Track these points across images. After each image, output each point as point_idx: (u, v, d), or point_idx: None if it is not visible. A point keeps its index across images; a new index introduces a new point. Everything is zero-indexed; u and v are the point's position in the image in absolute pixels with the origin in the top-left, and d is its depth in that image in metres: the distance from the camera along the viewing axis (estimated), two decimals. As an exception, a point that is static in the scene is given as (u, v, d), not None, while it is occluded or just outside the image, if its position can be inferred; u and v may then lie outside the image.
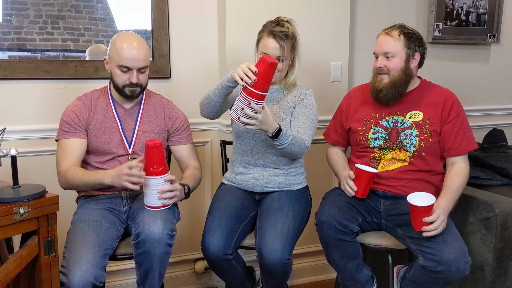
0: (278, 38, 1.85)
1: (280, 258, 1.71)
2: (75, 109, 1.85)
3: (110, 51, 1.80)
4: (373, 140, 1.94)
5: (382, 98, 1.90)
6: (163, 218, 1.68)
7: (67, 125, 1.83)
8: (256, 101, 1.63)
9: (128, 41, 1.77)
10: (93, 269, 1.55)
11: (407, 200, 1.68)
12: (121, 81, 1.80)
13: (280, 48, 1.86)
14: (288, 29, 1.88)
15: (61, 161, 1.79)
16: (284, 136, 1.75)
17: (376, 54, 1.91)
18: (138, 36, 1.83)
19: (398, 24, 1.90)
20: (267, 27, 1.90)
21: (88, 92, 1.93)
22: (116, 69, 1.79)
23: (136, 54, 1.76)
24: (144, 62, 1.80)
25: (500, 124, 2.98)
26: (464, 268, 1.62)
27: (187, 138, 1.99)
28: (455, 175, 1.84)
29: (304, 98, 1.97)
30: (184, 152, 1.97)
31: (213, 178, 2.48)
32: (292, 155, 1.87)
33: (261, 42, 1.90)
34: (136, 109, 1.92)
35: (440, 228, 1.66)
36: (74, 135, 1.82)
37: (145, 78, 1.85)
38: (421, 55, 1.90)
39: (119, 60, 1.76)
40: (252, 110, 1.63)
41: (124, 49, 1.75)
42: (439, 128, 1.88)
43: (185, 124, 2.00)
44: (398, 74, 1.86)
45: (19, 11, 2.09)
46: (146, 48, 1.81)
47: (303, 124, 1.90)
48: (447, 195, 1.77)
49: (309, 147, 1.88)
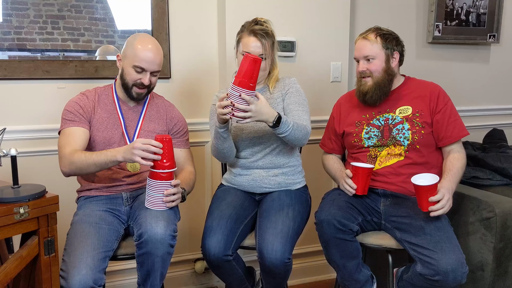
0: (259, 36, 1.87)
1: (281, 257, 1.71)
2: (79, 101, 1.86)
3: (126, 49, 1.82)
4: (367, 139, 1.97)
5: (369, 100, 1.95)
6: (166, 219, 1.68)
7: (71, 115, 1.81)
8: (246, 91, 1.63)
9: (146, 43, 1.80)
10: (92, 272, 1.55)
11: (411, 181, 1.71)
12: (132, 80, 1.81)
13: (262, 46, 1.87)
14: (267, 27, 1.90)
15: (65, 145, 1.76)
16: (285, 123, 1.74)
17: (357, 59, 1.97)
18: (155, 41, 1.86)
19: (373, 27, 1.96)
20: (246, 27, 1.92)
21: (91, 89, 1.94)
22: (129, 68, 1.80)
23: (152, 57, 1.79)
24: (158, 66, 1.83)
25: (500, 124, 2.98)
26: (461, 278, 1.64)
27: (185, 143, 2.01)
28: (453, 159, 1.88)
29: (289, 87, 1.98)
30: (181, 155, 1.98)
31: (212, 178, 2.48)
32: (296, 142, 1.84)
33: (242, 42, 1.91)
34: (140, 108, 1.93)
35: (446, 207, 1.69)
36: (78, 124, 1.81)
37: (155, 82, 1.87)
38: (400, 53, 1.96)
39: (135, 60, 1.78)
40: (244, 102, 1.64)
41: (142, 50, 1.78)
42: (429, 119, 1.91)
43: (185, 128, 2.01)
44: (380, 75, 1.92)
45: (19, 11, 2.09)
46: (161, 53, 1.85)
47: (296, 112, 1.91)
48: (449, 176, 1.81)
49: (310, 130, 1.89)
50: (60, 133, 1.82)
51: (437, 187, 1.70)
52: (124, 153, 1.64)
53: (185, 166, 1.98)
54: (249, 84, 1.63)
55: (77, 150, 1.74)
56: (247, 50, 1.87)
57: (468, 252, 1.98)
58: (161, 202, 1.69)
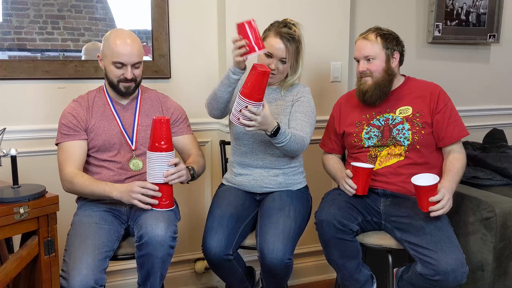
0: (284, 39, 1.87)
1: (282, 257, 1.71)
2: (72, 111, 1.85)
3: (103, 48, 1.81)
4: (367, 139, 1.96)
5: (369, 100, 1.95)
6: (166, 220, 1.68)
7: (66, 128, 1.82)
8: (254, 103, 1.63)
9: (121, 37, 1.78)
10: (92, 272, 1.55)
11: (412, 181, 1.71)
12: (116, 76, 1.81)
13: (285, 50, 1.87)
14: (295, 32, 1.90)
15: (65, 165, 1.79)
16: (283, 134, 1.75)
17: (357, 59, 1.97)
18: (131, 32, 1.84)
19: (373, 27, 1.96)
20: (274, 27, 1.91)
21: (83, 94, 1.93)
22: (110, 66, 1.80)
23: (130, 49, 1.78)
24: (138, 58, 1.81)
25: (500, 124, 2.98)
26: (461, 278, 1.64)
27: (186, 129, 2.00)
28: (453, 159, 1.89)
29: (301, 96, 1.97)
30: (185, 142, 1.98)
31: (213, 178, 2.48)
32: (291, 153, 1.87)
33: (266, 41, 1.90)
34: (133, 105, 1.92)
35: (446, 207, 1.69)
36: (75, 137, 1.82)
37: (139, 73, 1.85)
38: (400, 53, 1.96)
39: (113, 56, 1.77)
40: (251, 112, 1.64)
41: (118, 45, 1.77)
42: (429, 119, 1.91)
43: (183, 115, 2.00)
44: (380, 75, 1.92)
45: (19, 11, 2.09)
46: (139, 43, 1.83)
47: (301, 122, 1.90)
48: (449, 176, 1.82)
49: (308, 144, 1.89)
50: (58, 146, 1.84)
51: (437, 187, 1.70)
52: (121, 194, 1.70)
53: (192, 151, 1.99)
54: (256, 96, 1.62)
55: (77, 173, 1.77)
56: (270, 51, 1.87)
57: (468, 252, 1.98)
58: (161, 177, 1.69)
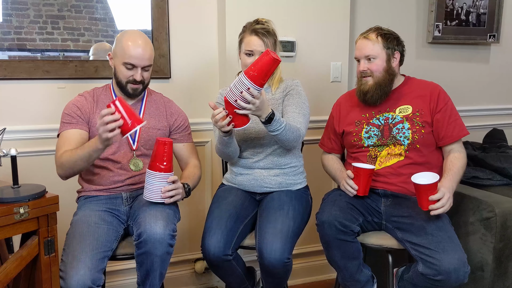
0: (260, 34, 1.88)
1: (280, 257, 1.71)
2: (77, 102, 1.87)
3: (115, 48, 1.82)
4: (367, 139, 1.96)
5: (369, 100, 1.95)
6: (165, 218, 1.68)
7: (68, 117, 1.83)
8: (256, 87, 1.62)
9: (134, 39, 1.79)
10: (90, 272, 1.55)
11: (412, 180, 1.71)
12: (125, 77, 1.82)
13: (264, 45, 1.88)
14: (268, 26, 1.91)
15: (58, 149, 1.79)
16: (278, 121, 1.74)
17: (358, 58, 1.97)
18: (144, 35, 1.85)
19: (374, 27, 1.96)
20: (247, 27, 1.93)
21: (89, 89, 1.94)
22: (120, 66, 1.81)
23: (142, 52, 1.79)
24: (149, 61, 1.83)
25: (500, 124, 2.98)
26: (463, 278, 1.64)
27: (187, 137, 2.01)
28: (454, 158, 1.88)
29: (291, 89, 1.98)
30: (185, 150, 1.99)
31: (213, 178, 2.48)
32: (287, 143, 1.84)
33: (244, 42, 1.92)
34: (139, 105, 1.93)
35: (446, 205, 1.69)
36: (75, 126, 1.82)
37: (148, 76, 1.87)
38: (401, 53, 1.97)
39: (124, 57, 1.78)
40: (251, 95, 1.63)
41: (130, 47, 1.77)
42: (429, 118, 1.91)
43: (186, 123, 2.02)
44: (381, 74, 1.92)
45: (19, 11, 2.09)
46: (151, 47, 1.84)
47: (292, 113, 1.90)
48: (449, 175, 1.81)
49: (304, 134, 1.89)
50: (59, 136, 1.84)
51: (437, 186, 1.70)
52: (98, 139, 1.63)
53: (190, 160, 1.99)
54: (261, 81, 1.62)
55: (66, 150, 1.75)
56: (250, 49, 1.88)
57: (468, 252, 1.97)
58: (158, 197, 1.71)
